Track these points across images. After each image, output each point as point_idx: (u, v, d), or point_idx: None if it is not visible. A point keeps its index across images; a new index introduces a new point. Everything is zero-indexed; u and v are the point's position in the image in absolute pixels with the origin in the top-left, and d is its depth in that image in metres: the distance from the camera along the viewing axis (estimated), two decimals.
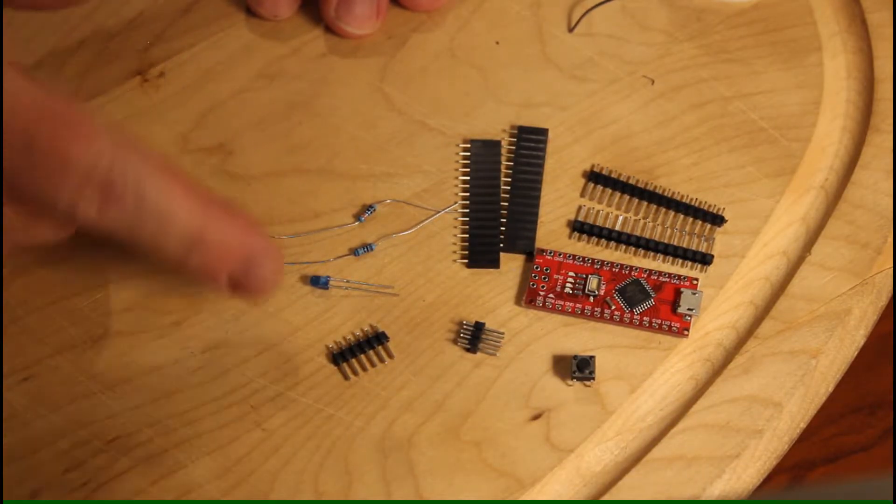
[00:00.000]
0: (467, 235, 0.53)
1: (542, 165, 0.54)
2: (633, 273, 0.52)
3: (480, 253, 0.52)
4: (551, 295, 0.51)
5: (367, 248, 0.52)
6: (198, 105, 0.55)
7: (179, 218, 0.44)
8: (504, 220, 0.53)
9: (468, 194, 0.54)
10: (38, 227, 0.46)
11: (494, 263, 0.52)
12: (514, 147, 0.54)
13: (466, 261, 0.52)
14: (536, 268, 0.52)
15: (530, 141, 0.54)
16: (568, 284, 0.52)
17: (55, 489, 0.48)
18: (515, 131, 0.55)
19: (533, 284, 0.51)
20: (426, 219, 0.53)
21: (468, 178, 0.54)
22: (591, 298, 0.51)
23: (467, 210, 0.53)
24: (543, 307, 0.51)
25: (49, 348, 0.50)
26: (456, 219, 0.53)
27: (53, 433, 0.48)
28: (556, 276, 0.52)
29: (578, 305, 0.51)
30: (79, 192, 0.43)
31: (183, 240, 0.45)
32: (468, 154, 0.54)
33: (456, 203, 0.53)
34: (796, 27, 0.57)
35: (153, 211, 0.44)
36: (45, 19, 0.57)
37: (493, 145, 0.54)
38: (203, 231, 0.45)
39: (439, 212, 0.53)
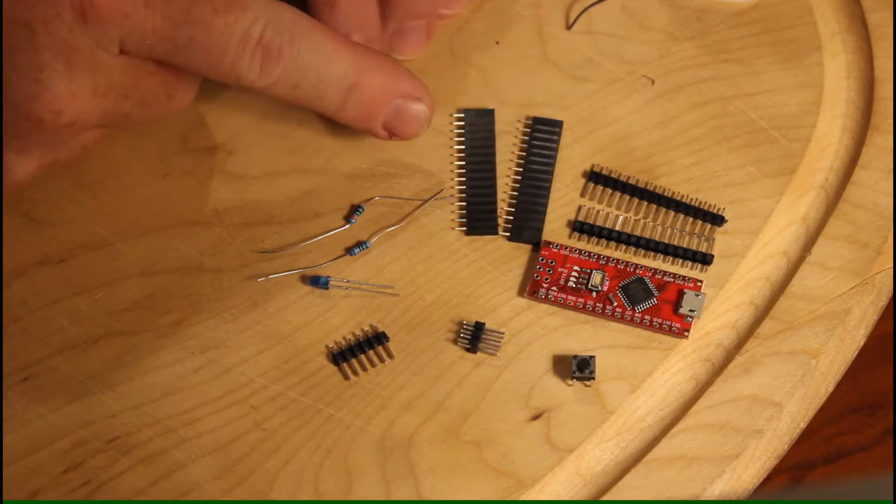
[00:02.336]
0: (465, 204, 0.53)
1: (554, 157, 0.54)
2: (637, 271, 0.52)
3: (478, 220, 0.53)
4: (554, 288, 0.51)
5: (362, 245, 0.52)
6: (198, 105, 0.55)
7: (336, 66, 0.48)
8: (513, 210, 0.53)
9: (464, 164, 0.54)
10: (178, 96, 0.49)
11: (492, 230, 0.53)
12: (527, 137, 0.55)
13: (465, 228, 0.53)
14: (542, 259, 0.52)
15: (544, 132, 0.55)
16: (572, 278, 0.52)
17: (55, 489, 0.48)
18: (530, 122, 0.55)
19: (537, 276, 0.52)
20: (414, 209, 0.53)
21: (463, 147, 0.54)
22: (594, 294, 0.51)
23: (463, 179, 0.54)
24: (546, 299, 0.51)
25: (49, 348, 0.50)
26: (452, 196, 0.53)
27: (53, 433, 0.48)
28: (560, 270, 0.52)
29: (580, 300, 0.51)
30: (240, 58, 0.46)
31: (341, 86, 0.48)
32: (461, 124, 0.55)
33: (442, 190, 0.53)
34: (796, 27, 0.57)
35: (312, 63, 0.47)
36: None
37: (487, 114, 0.55)
38: (359, 75, 0.49)
39: (426, 200, 0.53)
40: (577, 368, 0.49)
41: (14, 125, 0.45)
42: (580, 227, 0.53)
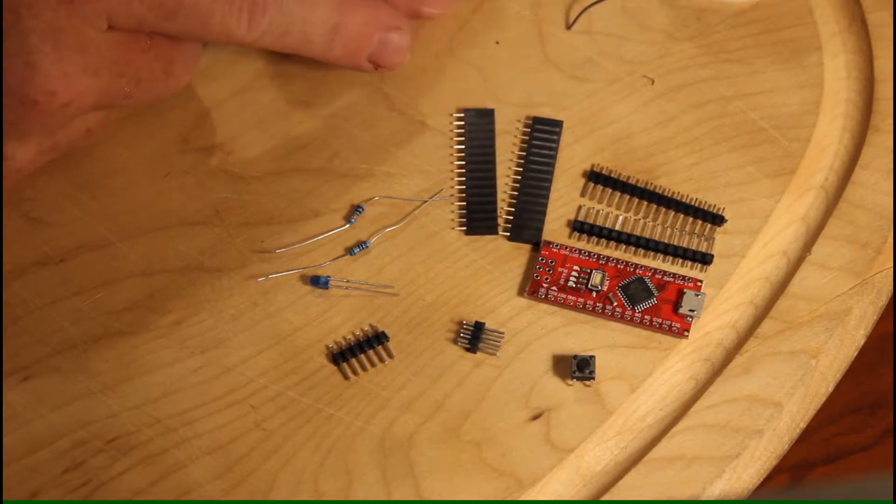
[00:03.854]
0: (465, 204, 0.53)
1: (554, 157, 0.54)
2: (637, 271, 0.52)
3: (478, 220, 0.53)
4: (554, 287, 0.51)
5: (362, 245, 0.52)
6: (198, 105, 0.55)
7: (319, 8, 0.50)
8: (513, 210, 0.53)
9: (464, 164, 0.54)
10: (176, 72, 0.49)
11: (492, 230, 0.53)
12: (526, 137, 0.55)
13: (465, 228, 0.53)
14: (542, 259, 0.52)
15: (543, 132, 0.55)
16: (572, 278, 0.52)
17: (55, 489, 0.48)
18: (530, 121, 0.55)
19: (537, 276, 0.52)
20: (414, 209, 0.53)
21: (463, 147, 0.54)
22: (594, 294, 0.51)
23: (463, 179, 0.54)
24: (546, 299, 0.51)
25: (49, 348, 0.50)
26: (452, 196, 0.53)
27: (53, 433, 0.48)
28: (560, 270, 0.52)
29: (580, 300, 0.51)
30: (228, 15, 0.47)
31: (326, 27, 0.50)
32: (461, 123, 0.55)
33: (442, 190, 0.53)
34: (796, 27, 0.57)
35: (296, 9, 0.49)
36: None
37: (487, 114, 0.55)
38: (341, 15, 0.50)
39: (426, 200, 0.53)
40: (577, 368, 0.49)
41: (11, 111, 0.46)
42: (580, 227, 0.53)
